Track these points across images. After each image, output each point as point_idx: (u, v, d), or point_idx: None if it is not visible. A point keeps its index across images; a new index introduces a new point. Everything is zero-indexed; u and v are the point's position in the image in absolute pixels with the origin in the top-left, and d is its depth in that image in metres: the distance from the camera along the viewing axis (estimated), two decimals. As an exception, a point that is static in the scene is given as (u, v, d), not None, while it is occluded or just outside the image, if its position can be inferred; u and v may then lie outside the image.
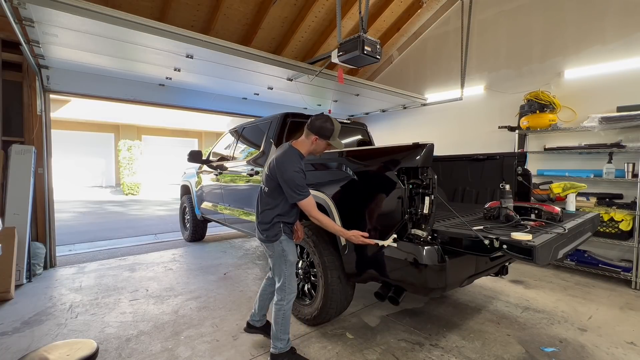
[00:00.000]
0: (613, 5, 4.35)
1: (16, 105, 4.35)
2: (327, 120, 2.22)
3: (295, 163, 2.17)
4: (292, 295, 2.31)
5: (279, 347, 2.28)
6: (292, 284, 2.30)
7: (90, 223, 8.47)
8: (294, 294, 2.33)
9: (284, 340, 2.29)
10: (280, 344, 2.28)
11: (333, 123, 2.23)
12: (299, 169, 2.15)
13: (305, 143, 2.27)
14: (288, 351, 2.31)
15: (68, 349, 1.64)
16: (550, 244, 1.84)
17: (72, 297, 3.53)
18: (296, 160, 2.20)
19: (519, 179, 3.27)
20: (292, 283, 2.31)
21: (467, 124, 5.89)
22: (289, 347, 2.33)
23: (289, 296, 2.29)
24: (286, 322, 2.29)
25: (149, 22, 3.02)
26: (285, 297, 2.28)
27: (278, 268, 2.30)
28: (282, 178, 2.15)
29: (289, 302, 2.29)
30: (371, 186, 2.32)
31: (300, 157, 2.24)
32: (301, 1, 5.57)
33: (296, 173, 2.13)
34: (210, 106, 6.40)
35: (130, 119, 15.57)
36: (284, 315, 2.28)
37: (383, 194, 2.22)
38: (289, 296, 2.29)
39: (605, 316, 3.09)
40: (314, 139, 2.23)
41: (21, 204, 4.04)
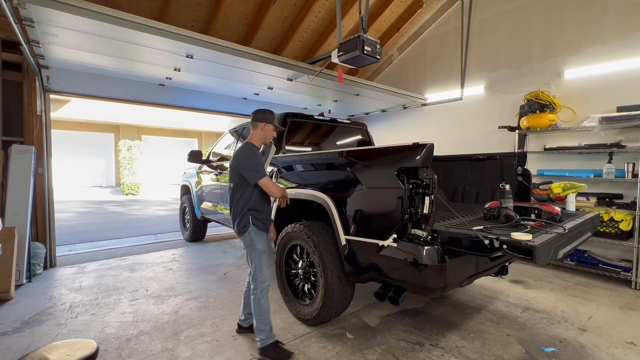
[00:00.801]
0: (613, 5, 4.35)
1: (16, 105, 4.35)
2: (265, 111, 2.56)
3: (250, 150, 2.42)
4: (264, 285, 2.40)
5: (262, 339, 2.37)
6: (263, 273, 2.40)
7: (90, 223, 8.47)
8: (267, 283, 2.42)
9: (264, 331, 2.37)
10: (262, 334, 2.37)
11: (272, 111, 2.57)
12: (253, 153, 2.40)
13: (256, 134, 2.53)
14: (273, 343, 2.38)
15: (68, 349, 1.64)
16: (550, 244, 1.84)
17: (72, 297, 3.53)
18: (250, 149, 2.43)
19: (519, 179, 3.27)
20: (263, 272, 2.41)
21: (467, 124, 5.89)
22: (272, 339, 2.40)
23: (261, 285, 2.39)
24: (263, 312, 2.38)
25: (149, 22, 3.03)
26: (258, 286, 2.39)
27: (249, 257, 2.45)
28: (241, 167, 2.39)
29: (262, 290, 2.39)
30: (371, 186, 2.32)
31: (256, 147, 2.48)
32: (301, 1, 5.57)
33: (251, 157, 2.39)
34: (210, 106, 6.40)
35: (130, 119, 15.57)
36: (259, 305, 2.38)
37: (383, 194, 2.22)
38: (262, 285, 2.39)
39: (605, 316, 3.09)
40: (262, 125, 2.51)
41: (21, 204, 4.04)
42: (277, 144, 3.70)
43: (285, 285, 3.09)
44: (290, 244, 2.99)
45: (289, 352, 2.41)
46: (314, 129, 4.25)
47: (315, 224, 2.85)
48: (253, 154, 2.40)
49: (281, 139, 3.73)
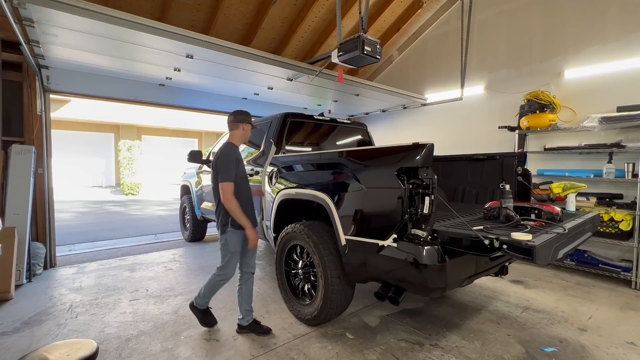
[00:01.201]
0: (613, 5, 4.35)
1: (16, 105, 4.35)
2: (244, 112, 2.77)
3: (228, 152, 2.61)
4: (225, 277, 2.71)
5: (198, 302, 2.81)
6: (227, 270, 2.69)
7: (90, 223, 8.47)
8: (228, 277, 2.72)
9: (204, 299, 2.80)
10: (200, 300, 2.80)
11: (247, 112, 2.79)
12: (228, 155, 2.59)
13: (236, 134, 2.75)
14: (203, 310, 2.83)
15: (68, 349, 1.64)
16: (550, 244, 1.84)
17: (72, 297, 3.53)
18: (229, 149, 2.64)
19: (519, 179, 3.27)
20: (228, 270, 2.69)
21: (467, 124, 5.89)
22: (204, 307, 2.84)
23: (223, 276, 2.71)
24: (209, 291, 2.78)
25: (149, 22, 3.03)
26: (219, 275, 2.71)
27: (222, 253, 2.69)
28: (217, 167, 2.58)
29: (221, 280, 2.72)
30: (371, 186, 2.32)
31: (235, 147, 2.70)
32: (301, 1, 5.57)
33: (224, 159, 2.57)
34: (210, 106, 6.40)
35: (130, 119, 15.57)
36: (212, 286, 2.75)
37: (383, 194, 2.22)
38: (224, 276, 2.71)
39: (605, 316, 3.09)
40: (243, 126, 2.73)
41: (21, 204, 4.04)
42: (277, 144, 3.70)
43: (285, 285, 3.09)
44: (290, 244, 2.99)
45: (215, 321, 2.85)
46: (314, 129, 4.25)
47: (315, 224, 2.85)
48: (227, 155, 2.59)
49: (281, 139, 3.73)
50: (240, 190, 2.62)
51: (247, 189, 2.74)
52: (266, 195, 3.57)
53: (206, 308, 2.86)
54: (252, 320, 2.77)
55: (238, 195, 2.56)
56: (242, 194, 2.62)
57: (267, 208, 3.55)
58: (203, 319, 2.83)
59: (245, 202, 2.64)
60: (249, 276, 2.81)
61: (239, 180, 2.63)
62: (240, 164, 2.67)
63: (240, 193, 2.60)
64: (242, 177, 2.69)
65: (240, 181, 2.64)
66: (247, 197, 2.71)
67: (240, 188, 2.63)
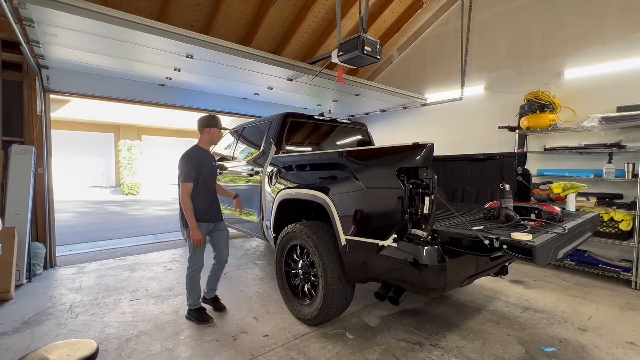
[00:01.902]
0: (613, 5, 4.35)
1: (16, 105, 4.35)
2: (211, 117, 3.00)
3: (189, 154, 2.88)
4: (196, 267, 2.93)
5: (189, 304, 2.98)
6: (195, 260, 2.92)
7: (90, 223, 8.47)
8: (198, 266, 2.94)
9: (192, 299, 2.96)
10: (191, 300, 2.96)
11: (214, 117, 3.02)
12: (189, 157, 2.84)
13: (203, 138, 3.01)
14: (197, 309, 2.97)
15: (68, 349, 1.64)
16: (550, 244, 1.84)
17: (72, 297, 3.53)
18: (192, 152, 2.91)
19: (519, 179, 3.27)
20: (196, 259, 2.92)
21: (467, 124, 5.89)
22: (197, 306, 2.99)
23: (194, 266, 2.93)
24: (194, 285, 2.95)
25: (149, 22, 3.03)
26: (191, 267, 2.93)
27: (188, 246, 2.95)
28: (178, 166, 2.86)
29: (193, 270, 2.93)
30: (371, 186, 2.32)
31: (200, 150, 2.96)
32: (301, 1, 5.57)
33: (185, 160, 2.83)
34: (210, 106, 6.39)
35: (130, 119, 15.55)
36: (191, 280, 2.94)
37: (383, 194, 2.22)
38: (194, 267, 2.93)
39: (605, 316, 3.09)
40: (208, 130, 2.98)
41: (21, 204, 4.04)
42: (277, 144, 3.70)
43: (285, 285, 3.09)
44: (290, 244, 3.00)
45: (209, 317, 2.94)
46: (314, 129, 4.25)
47: (315, 224, 2.85)
48: (188, 157, 2.85)
49: (281, 139, 3.73)
50: (203, 190, 2.91)
51: (208, 187, 2.97)
52: (266, 195, 3.57)
53: (199, 306, 3.00)
54: (212, 296, 3.18)
55: (200, 195, 2.87)
56: (204, 194, 2.91)
57: (267, 208, 3.56)
58: (198, 317, 2.93)
59: (208, 202, 2.94)
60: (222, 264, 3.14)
61: (203, 181, 2.90)
62: (205, 166, 2.90)
63: (203, 193, 2.90)
64: (206, 178, 2.93)
65: (203, 182, 2.90)
66: (211, 198, 3.00)
67: (204, 188, 2.92)
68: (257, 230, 3.87)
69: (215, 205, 3.04)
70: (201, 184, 2.90)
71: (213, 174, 3.07)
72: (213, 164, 3.08)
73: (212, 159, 3.08)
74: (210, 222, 2.99)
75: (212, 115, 3.00)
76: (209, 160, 3.01)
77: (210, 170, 3.00)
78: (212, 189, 3.04)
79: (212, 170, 3.05)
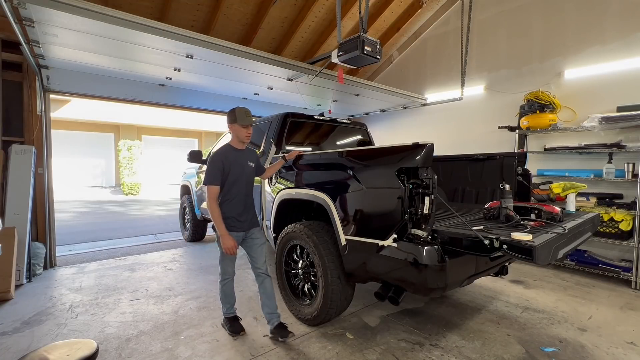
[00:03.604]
0: (613, 5, 4.35)
1: (16, 105, 4.35)
2: (231, 111, 2.64)
3: (214, 154, 2.64)
4: (225, 276, 2.73)
5: (223, 311, 2.85)
6: (223, 269, 2.72)
7: (90, 223, 8.47)
8: (227, 277, 2.75)
9: (224, 307, 2.82)
10: (223, 308, 2.84)
11: (234, 111, 2.62)
12: (216, 158, 2.57)
13: (232, 136, 2.71)
14: (230, 317, 2.83)
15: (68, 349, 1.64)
16: (550, 244, 1.84)
17: (72, 297, 3.53)
18: (218, 151, 2.65)
19: (519, 179, 3.26)
20: (224, 268, 2.72)
21: (467, 124, 5.89)
22: (231, 314, 2.83)
23: (223, 276, 2.74)
24: (223, 295, 2.79)
25: (149, 22, 3.03)
26: (220, 275, 2.74)
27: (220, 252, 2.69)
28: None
29: (223, 280, 2.75)
30: (371, 186, 2.32)
31: (229, 149, 2.66)
32: (301, 1, 5.57)
33: (209, 161, 2.58)
34: (210, 106, 6.40)
35: (130, 119, 15.57)
36: (223, 291, 2.77)
37: (383, 194, 2.22)
38: (223, 276, 2.74)
39: (605, 316, 3.09)
40: (230, 127, 2.67)
41: (21, 204, 4.04)
42: (277, 144, 3.70)
43: (285, 285, 3.09)
44: (290, 244, 2.99)
45: (241, 329, 2.78)
46: (314, 129, 4.25)
47: (315, 224, 2.85)
48: (212, 157, 2.61)
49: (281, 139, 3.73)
50: (233, 194, 2.61)
51: (238, 192, 2.65)
52: (266, 195, 3.57)
53: (233, 315, 2.84)
54: (277, 323, 2.67)
55: (229, 199, 2.60)
56: (234, 198, 2.62)
57: (267, 208, 3.56)
58: (230, 327, 2.78)
59: (238, 208, 2.64)
60: (263, 277, 2.72)
61: (232, 184, 2.60)
62: (234, 167, 2.60)
63: (232, 197, 2.61)
64: (236, 180, 2.62)
65: (232, 185, 2.60)
66: (242, 204, 2.67)
67: (234, 192, 2.61)
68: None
69: (248, 213, 2.72)
70: (229, 187, 2.59)
71: (245, 176, 2.69)
72: (246, 165, 2.70)
73: (245, 158, 2.71)
74: (241, 230, 2.67)
75: (232, 110, 2.63)
76: (239, 160, 2.65)
77: (240, 171, 2.64)
78: (244, 193, 2.69)
79: (245, 171, 2.68)
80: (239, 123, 2.59)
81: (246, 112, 2.61)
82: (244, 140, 2.66)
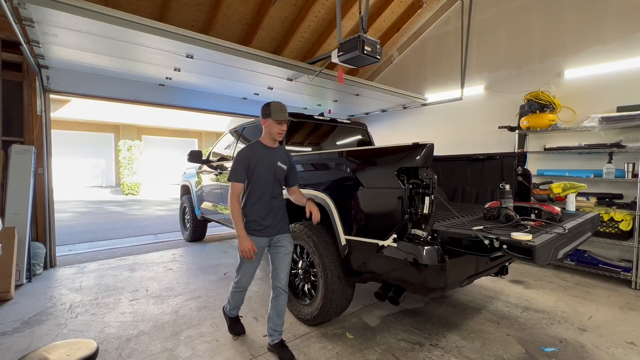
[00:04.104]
0: (613, 5, 4.35)
1: (16, 105, 4.35)
2: (266, 105, 2.45)
3: (241, 149, 2.45)
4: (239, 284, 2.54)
5: (226, 309, 2.77)
6: (239, 276, 2.51)
7: (90, 223, 8.47)
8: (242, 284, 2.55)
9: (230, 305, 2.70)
10: (227, 307, 2.74)
11: (269, 104, 2.43)
12: (242, 153, 2.40)
13: (264, 131, 2.50)
14: (232, 317, 2.76)
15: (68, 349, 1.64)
16: (550, 244, 1.84)
17: (72, 297, 3.53)
18: (246, 147, 2.48)
19: (519, 179, 3.26)
20: (240, 276, 2.51)
21: (467, 124, 5.89)
22: (233, 315, 2.75)
23: (237, 283, 2.55)
24: (232, 299, 2.66)
25: (149, 22, 3.03)
26: (234, 281, 2.57)
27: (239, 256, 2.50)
28: None
29: (235, 286, 2.57)
30: (371, 186, 2.32)
31: (257, 145, 2.48)
32: (301, 1, 5.57)
33: (237, 156, 2.41)
34: (210, 106, 6.40)
35: (130, 119, 15.57)
36: (231, 293, 2.63)
37: (383, 194, 2.22)
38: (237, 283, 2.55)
39: (605, 316, 3.09)
40: (263, 122, 2.46)
41: (21, 204, 4.04)
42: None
43: (285, 285, 3.08)
44: (290, 244, 2.99)
45: (242, 331, 2.75)
46: (314, 129, 4.25)
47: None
48: (239, 152, 2.44)
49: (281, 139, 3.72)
50: (257, 195, 2.40)
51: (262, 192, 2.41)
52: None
53: (235, 316, 2.78)
54: (277, 341, 2.45)
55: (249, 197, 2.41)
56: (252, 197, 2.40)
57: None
58: (230, 326, 2.77)
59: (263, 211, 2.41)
60: (279, 292, 2.45)
61: (257, 184, 2.39)
62: (261, 165, 2.38)
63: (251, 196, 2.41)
64: (261, 179, 2.40)
65: (258, 184, 2.40)
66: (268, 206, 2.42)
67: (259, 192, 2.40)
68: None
69: (274, 217, 2.45)
70: (254, 187, 2.39)
71: (273, 176, 2.43)
72: (275, 165, 2.44)
73: (275, 157, 2.46)
74: (263, 236, 2.41)
75: (267, 104, 2.43)
76: (268, 158, 2.43)
77: (267, 170, 2.40)
78: (270, 195, 2.44)
79: (273, 171, 2.43)
80: (273, 118, 2.37)
81: (282, 107, 2.41)
82: (275, 138, 2.45)
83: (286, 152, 2.61)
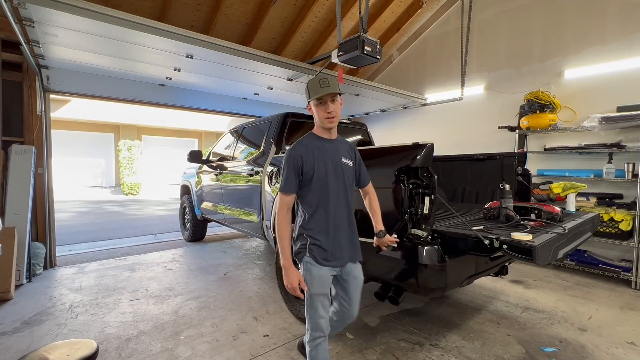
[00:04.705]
0: (613, 5, 4.35)
1: (16, 105, 4.35)
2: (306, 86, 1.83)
3: (293, 147, 1.80)
4: (315, 334, 1.77)
5: None
6: (312, 321, 1.77)
7: (90, 223, 8.47)
8: (320, 333, 1.77)
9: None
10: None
11: (308, 83, 1.81)
12: (291, 153, 1.76)
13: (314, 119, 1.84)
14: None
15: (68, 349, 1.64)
16: (550, 244, 1.84)
17: (72, 297, 3.53)
18: (298, 143, 1.82)
19: (519, 179, 3.27)
20: (313, 320, 1.77)
21: (467, 124, 5.89)
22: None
23: (312, 334, 1.79)
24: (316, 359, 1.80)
25: (149, 22, 3.03)
26: (309, 334, 1.81)
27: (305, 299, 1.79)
28: None
29: (313, 341, 1.79)
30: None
31: (311, 138, 1.83)
32: (301, 1, 5.57)
33: (285, 158, 1.77)
34: (210, 106, 6.39)
35: (130, 119, 15.57)
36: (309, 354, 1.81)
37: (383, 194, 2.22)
38: (313, 334, 1.78)
39: (605, 316, 3.09)
40: (308, 108, 1.85)
41: (21, 204, 4.04)
42: (277, 144, 3.70)
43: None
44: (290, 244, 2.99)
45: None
46: (314, 129, 4.24)
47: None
48: (287, 152, 1.79)
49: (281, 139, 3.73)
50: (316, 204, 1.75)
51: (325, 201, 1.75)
52: (266, 195, 3.57)
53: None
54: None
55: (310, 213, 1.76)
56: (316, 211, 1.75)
57: (267, 208, 3.56)
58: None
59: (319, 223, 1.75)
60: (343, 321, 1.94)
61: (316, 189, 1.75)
62: (319, 163, 1.74)
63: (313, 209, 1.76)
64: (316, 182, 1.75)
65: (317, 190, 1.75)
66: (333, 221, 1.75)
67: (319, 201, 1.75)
68: (257, 230, 3.87)
69: (344, 237, 1.79)
70: (314, 196, 1.75)
71: (338, 177, 1.78)
72: (339, 162, 1.80)
73: (336, 152, 1.82)
74: (329, 265, 1.74)
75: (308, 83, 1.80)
76: (327, 153, 1.78)
77: (330, 170, 1.76)
78: (339, 205, 1.78)
79: (338, 170, 1.79)
80: (313, 97, 1.72)
81: (321, 81, 1.71)
82: (325, 125, 1.76)
83: (348, 143, 1.97)
